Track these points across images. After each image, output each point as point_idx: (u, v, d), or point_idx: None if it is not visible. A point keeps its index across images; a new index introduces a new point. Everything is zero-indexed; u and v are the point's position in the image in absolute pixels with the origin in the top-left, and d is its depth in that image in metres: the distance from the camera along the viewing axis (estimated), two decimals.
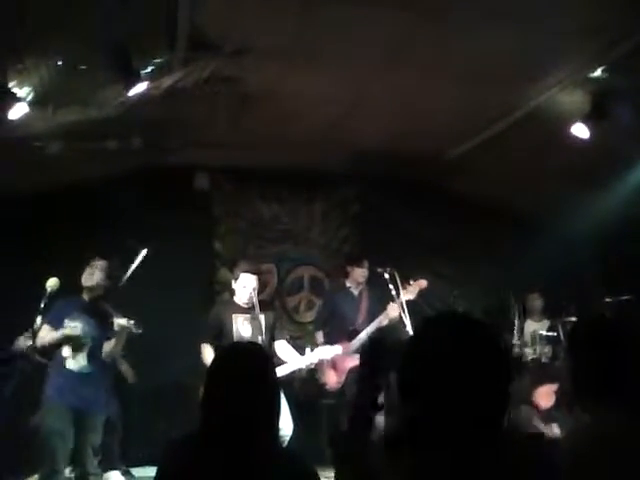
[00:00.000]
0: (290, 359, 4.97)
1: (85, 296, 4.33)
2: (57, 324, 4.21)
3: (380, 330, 5.55)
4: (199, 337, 4.92)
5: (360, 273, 6.02)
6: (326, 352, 5.25)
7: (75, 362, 4.21)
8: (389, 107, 5.21)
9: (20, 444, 4.37)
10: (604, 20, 3.78)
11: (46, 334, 4.17)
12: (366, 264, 6.00)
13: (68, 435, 4.06)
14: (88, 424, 4.18)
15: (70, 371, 4.18)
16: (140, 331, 4.30)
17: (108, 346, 4.34)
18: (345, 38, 4.09)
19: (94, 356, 4.26)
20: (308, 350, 5.11)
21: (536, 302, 6.71)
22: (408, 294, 5.58)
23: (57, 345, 4.19)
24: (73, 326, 4.22)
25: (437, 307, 5.93)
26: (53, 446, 4.01)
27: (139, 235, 6.02)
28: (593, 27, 3.85)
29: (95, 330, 4.28)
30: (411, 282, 5.69)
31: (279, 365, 4.83)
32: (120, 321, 4.23)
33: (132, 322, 4.25)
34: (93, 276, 4.30)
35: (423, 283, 5.69)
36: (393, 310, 5.56)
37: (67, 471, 4.29)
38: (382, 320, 5.68)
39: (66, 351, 4.19)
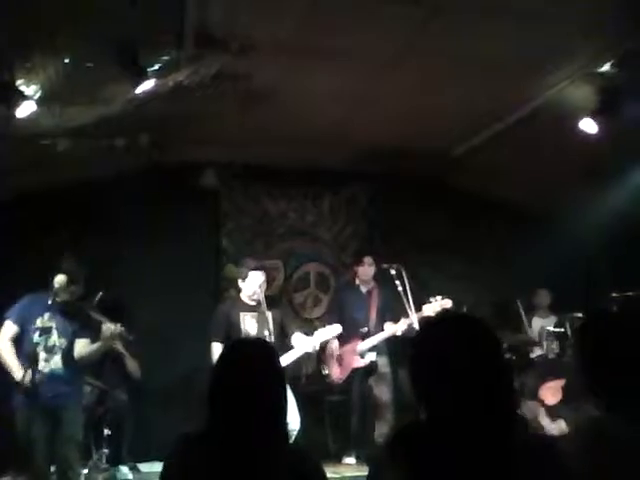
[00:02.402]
0: (307, 339, 4.98)
1: (62, 294, 4.19)
2: (24, 322, 4.11)
3: None
4: (207, 333, 4.93)
5: (362, 272, 6.02)
6: (326, 332, 5.25)
7: (49, 365, 4.12)
8: (395, 104, 5.19)
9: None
10: (612, 14, 3.76)
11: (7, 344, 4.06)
12: (367, 261, 5.98)
13: (45, 439, 4.02)
14: (64, 419, 4.12)
15: (43, 373, 4.07)
16: (131, 338, 4.25)
17: (87, 348, 4.23)
18: (351, 35, 4.09)
19: (68, 356, 4.19)
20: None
21: (544, 298, 6.69)
22: (430, 310, 5.50)
23: None
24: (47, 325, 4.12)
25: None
26: (36, 453, 3.99)
27: (146, 232, 6.07)
28: (601, 22, 3.83)
29: (69, 330, 4.19)
30: (437, 299, 5.58)
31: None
32: (109, 326, 4.13)
33: (122, 328, 4.17)
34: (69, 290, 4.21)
35: (448, 303, 5.57)
36: (403, 326, 5.56)
37: (52, 469, 4.27)
38: (393, 332, 5.68)
39: (40, 354, 4.09)
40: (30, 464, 4.00)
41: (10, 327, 4.12)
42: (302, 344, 4.98)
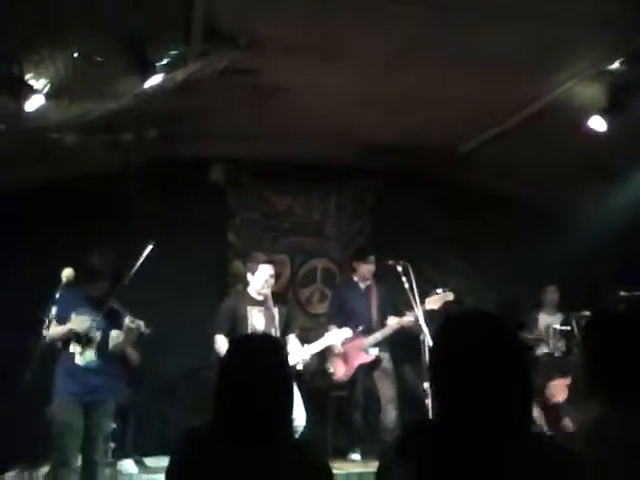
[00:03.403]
0: (302, 348, 4.98)
1: (92, 289, 4.32)
2: (63, 318, 4.21)
3: None
4: (213, 328, 4.95)
5: (365, 269, 6.02)
6: (336, 336, 5.27)
7: (84, 357, 4.24)
8: (401, 101, 5.19)
9: (36, 432, 4.43)
10: (621, 12, 3.74)
11: (53, 329, 4.16)
12: (372, 259, 5.98)
13: (79, 428, 4.12)
14: (98, 412, 4.23)
15: (79, 366, 4.21)
16: (149, 331, 4.31)
17: (116, 340, 4.33)
18: (359, 32, 4.08)
19: (103, 349, 4.29)
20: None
21: (552, 295, 6.67)
22: (433, 303, 5.49)
23: (65, 340, 4.21)
24: (81, 319, 4.24)
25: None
26: (64, 440, 4.08)
27: (154, 227, 6.08)
28: (610, 19, 3.81)
29: (102, 323, 4.29)
30: (439, 291, 5.57)
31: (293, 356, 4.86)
32: (128, 321, 4.23)
33: (141, 322, 4.26)
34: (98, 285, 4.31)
35: (450, 295, 5.56)
36: (409, 319, 5.54)
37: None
38: (399, 325, 5.66)
39: (74, 347, 4.22)
40: (59, 453, 4.09)
41: (54, 325, 4.19)
42: (310, 346, 4.99)
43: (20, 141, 4.67)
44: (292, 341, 5.02)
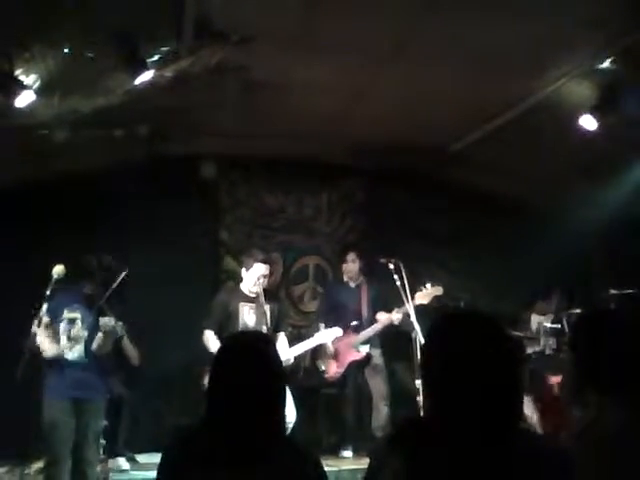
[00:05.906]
0: (290, 347, 4.99)
1: (86, 289, 4.34)
2: (55, 314, 4.24)
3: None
4: (204, 322, 4.95)
5: (346, 268, 6.04)
6: (326, 335, 5.29)
7: (72, 353, 4.25)
8: (394, 98, 5.19)
9: (28, 428, 4.40)
10: (612, 11, 3.76)
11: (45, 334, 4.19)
12: (350, 258, 5.99)
13: (69, 426, 4.12)
14: (89, 410, 4.23)
15: (68, 362, 4.22)
16: (123, 334, 4.30)
17: (98, 341, 4.31)
18: (351, 28, 4.08)
19: (89, 347, 4.28)
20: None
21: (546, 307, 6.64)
22: (422, 298, 5.49)
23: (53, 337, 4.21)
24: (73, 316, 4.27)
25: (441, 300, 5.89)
26: (55, 438, 4.07)
27: (145, 223, 6.06)
28: (601, 18, 3.83)
29: (92, 322, 4.28)
30: (427, 286, 5.56)
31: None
32: (105, 320, 4.20)
33: (120, 323, 4.24)
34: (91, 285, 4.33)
35: (439, 290, 5.56)
36: (398, 315, 5.55)
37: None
38: (389, 321, 5.67)
39: (64, 342, 4.23)
40: (50, 452, 4.10)
41: (45, 320, 4.22)
42: (299, 345, 5.01)
43: (10, 137, 4.64)
44: (281, 339, 5.02)
